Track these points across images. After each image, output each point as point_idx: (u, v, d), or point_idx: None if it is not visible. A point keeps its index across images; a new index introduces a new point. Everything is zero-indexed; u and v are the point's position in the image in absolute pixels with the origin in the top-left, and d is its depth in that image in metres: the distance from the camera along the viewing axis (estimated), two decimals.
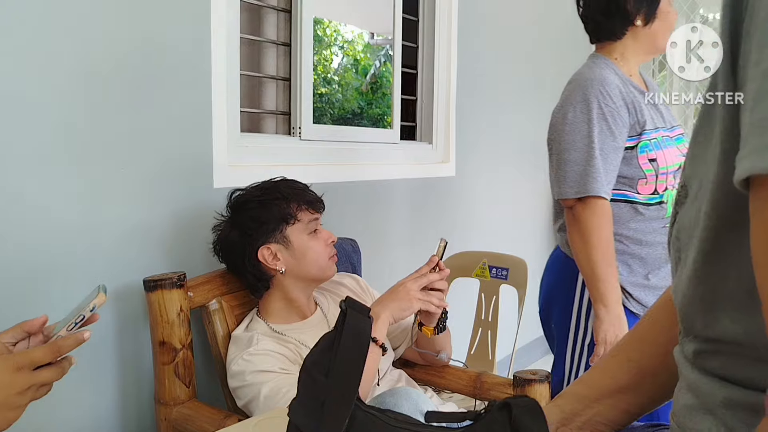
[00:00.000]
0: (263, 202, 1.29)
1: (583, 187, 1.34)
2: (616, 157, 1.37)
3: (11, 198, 1.14)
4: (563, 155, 1.38)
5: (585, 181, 1.34)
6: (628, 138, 1.39)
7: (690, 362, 0.49)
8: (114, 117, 1.28)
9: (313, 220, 1.32)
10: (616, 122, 1.36)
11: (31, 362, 0.74)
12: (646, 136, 1.39)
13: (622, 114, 1.36)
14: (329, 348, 0.53)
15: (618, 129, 1.36)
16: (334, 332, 0.54)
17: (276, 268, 1.28)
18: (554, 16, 3.21)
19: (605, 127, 1.35)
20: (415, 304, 1.19)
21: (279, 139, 1.84)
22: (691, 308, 0.48)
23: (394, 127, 2.22)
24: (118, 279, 1.30)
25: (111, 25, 1.26)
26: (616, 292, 1.34)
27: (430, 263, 1.23)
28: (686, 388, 0.50)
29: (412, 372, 1.47)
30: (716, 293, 0.44)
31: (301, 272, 1.30)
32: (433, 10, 2.32)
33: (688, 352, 0.50)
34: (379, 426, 0.53)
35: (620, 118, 1.36)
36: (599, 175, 1.33)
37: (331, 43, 5.71)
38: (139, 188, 1.34)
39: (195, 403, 1.29)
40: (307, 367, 0.55)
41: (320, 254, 1.31)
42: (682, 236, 0.48)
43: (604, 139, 1.34)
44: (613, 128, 1.35)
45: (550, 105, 1.51)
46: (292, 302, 1.33)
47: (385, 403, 0.91)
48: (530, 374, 1.37)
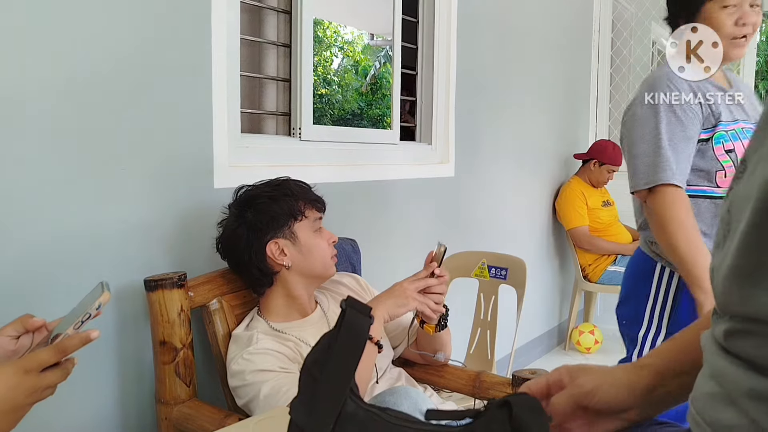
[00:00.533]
0: (273, 197, 1.30)
1: (652, 177, 1.35)
2: (687, 146, 1.36)
3: (12, 198, 1.14)
4: (633, 150, 1.38)
5: (654, 171, 1.34)
6: (703, 130, 1.38)
7: (718, 346, 0.49)
8: (114, 117, 1.29)
9: (317, 219, 1.34)
10: (686, 113, 1.35)
11: (38, 364, 0.75)
12: (721, 127, 1.38)
13: (692, 105, 1.36)
14: (328, 346, 0.54)
15: (688, 119, 1.36)
16: (334, 330, 0.54)
17: (282, 263, 1.29)
18: (554, 17, 3.22)
19: (673, 119, 1.35)
20: (412, 302, 1.20)
21: (279, 139, 1.84)
22: (730, 282, 0.46)
23: (393, 128, 2.22)
24: (118, 279, 1.31)
25: (111, 26, 1.27)
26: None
27: (428, 268, 1.23)
28: (710, 375, 0.50)
29: (411, 371, 1.48)
30: (759, 267, 0.43)
31: (306, 268, 1.31)
32: (433, 11, 2.32)
33: (718, 333, 0.49)
34: (380, 424, 0.53)
35: (690, 110, 1.36)
36: (668, 164, 1.33)
37: (331, 44, 5.71)
38: (139, 188, 1.34)
39: (195, 403, 1.30)
40: (308, 366, 0.55)
41: (325, 251, 1.32)
42: (734, 209, 0.47)
43: (673, 129, 1.35)
44: (682, 119, 1.35)
45: (549, 105, 1.52)
46: (294, 299, 1.33)
47: (384, 401, 0.92)
48: (529, 373, 1.37)
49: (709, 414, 0.48)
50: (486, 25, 2.60)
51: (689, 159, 1.37)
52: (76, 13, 1.21)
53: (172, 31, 1.38)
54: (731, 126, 1.39)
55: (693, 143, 1.37)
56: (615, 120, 3.88)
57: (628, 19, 3.90)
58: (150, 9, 1.33)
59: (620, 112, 3.88)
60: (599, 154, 3.22)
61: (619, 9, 3.81)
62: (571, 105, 3.53)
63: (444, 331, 1.37)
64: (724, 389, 0.47)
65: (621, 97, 3.85)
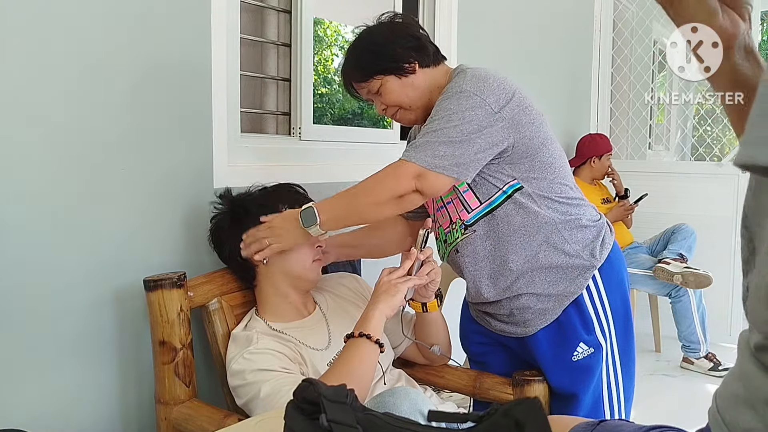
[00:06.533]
0: (259, 196, 1.35)
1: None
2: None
3: (12, 198, 1.14)
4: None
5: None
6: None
7: (751, 353, 0.49)
8: (114, 117, 1.28)
9: None
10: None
11: None
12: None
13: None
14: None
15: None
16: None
17: (258, 259, 1.31)
18: (555, 15, 3.22)
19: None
20: (401, 288, 1.20)
21: (279, 139, 1.84)
22: (756, 301, 0.47)
23: (393, 128, 2.22)
24: (118, 279, 1.31)
25: (111, 26, 1.26)
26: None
27: (410, 257, 1.24)
28: (738, 375, 0.50)
29: (411, 371, 1.47)
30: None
31: (283, 267, 1.32)
32: (433, 10, 2.32)
33: (752, 342, 0.50)
34: (380, 426, 0.53)
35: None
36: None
37: (332, 43, 5.72)
38: (139, 188, 1.34)
39: (195, 403, 1.30)
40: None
41: (304, 254, 1.33)
42: (750, 224, 0.47)
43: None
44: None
45: (550, 104, 1.52)
46: (285, 298, 1.34)
47: (384, 402, 0.92)
48: (529, 374, 1.37)
49: (729, 414, 0.49)
50: (487, 24, 2.60)
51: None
52: (76, 14, 1.20)
53: (172, 31, 1.38)
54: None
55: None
56: (616, 119, 3.87)
57: (629, 19, 3.90)
58: (150, 9, 1.33)
59: (621, 111, 3.89)
60: (593, 150, 3.22)
61: (620, 8, 3.81)
62: (572, 104, 3.53)
63: (437, 319, 1.38)
64: (747, 393, 0.47)
65: (622, 96, 3.85)
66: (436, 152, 1.19)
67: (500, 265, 1.32)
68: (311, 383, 0.64)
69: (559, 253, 1.31)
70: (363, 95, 1.36)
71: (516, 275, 1.32)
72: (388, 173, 1.23)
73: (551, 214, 1.30)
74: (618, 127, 3.88)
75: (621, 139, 3.87)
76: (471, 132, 1.19)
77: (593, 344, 1.33)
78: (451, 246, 1.38)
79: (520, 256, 1.31)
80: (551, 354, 1.35)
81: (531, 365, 1.41)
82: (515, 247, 1.30)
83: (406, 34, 1.32)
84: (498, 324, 1.41)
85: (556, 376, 1.35)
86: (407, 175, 1.20)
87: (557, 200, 1.32)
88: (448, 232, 1.37)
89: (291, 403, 0.65)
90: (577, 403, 1.34)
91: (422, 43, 1.33)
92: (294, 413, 0.63)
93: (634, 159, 3.82)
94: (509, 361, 1.45)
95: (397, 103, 1.33)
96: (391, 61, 1.29)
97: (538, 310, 1.34)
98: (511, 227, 1.30)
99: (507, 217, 1.30)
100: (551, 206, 1.31)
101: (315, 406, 0.60)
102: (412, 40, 1.32)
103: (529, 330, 1.36)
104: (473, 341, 1.52)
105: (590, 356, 1.33)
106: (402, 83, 1.31)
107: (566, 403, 1.35)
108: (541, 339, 1.35)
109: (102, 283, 1.29)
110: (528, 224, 1.30)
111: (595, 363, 1.34)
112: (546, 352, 1.35)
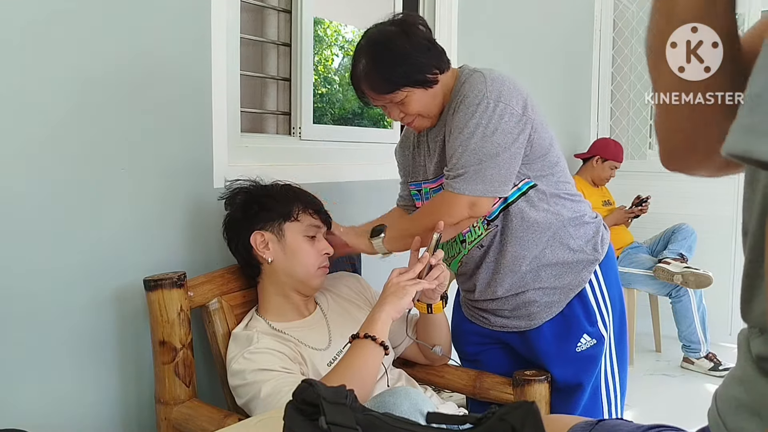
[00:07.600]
0: (273, 195, 1.35)
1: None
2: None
3: (13, 198, 1.14)
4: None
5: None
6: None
7: (753, 360, 0.48)
8: (115, 117, 1.28)
9: (313, 227, 1.34)
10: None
11: None
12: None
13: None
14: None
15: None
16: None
17: (264, 256, 1.31)
18: (555, 16, 3.22)
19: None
20: (410, 291, 1.19)
21: (279, 139, 1.84)
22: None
23: (394, 127, 2.22)
24: (118, 279, 1.31)
25: (111, 26, 1.26)
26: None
27: (422, 260, 1.23)
28: (739, 379, 0.49)
29: (411, 371, 1.47)
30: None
31: (287, 269, 1.31)
32: (433, 10, 2.32)
33: (754, 351, 0.48)
34: (380, 426, 0.53)
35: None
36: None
37: (332, 43, 5.70)
38: (139, 188, 1.34)
39: (195, 403, 1.30)
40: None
41: (310, 259, 1.32)
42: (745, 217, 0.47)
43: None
44: None
45: (551, 104, 1.52)
46: (287, 298, 1.34)
47: (384, 402, 0.91)
48: (529, 374, 1.37)
49: (732, 419, 0.48)
50: (486, 24, 2.59)
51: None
52: (76, 14, 1.20)
53: (173, 31, 1.38)
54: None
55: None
56: (616, 119, 3.87)
57: (629, 18, 3.90)
58: (150, 9, 1.33)
59: (621, 111, 3.89)
60: (601, 151, 3.22)
61: (620, 8, 3.81)
62: (573, 104, 3.52)
63: (440, 320, 1.38)
64: (750, 397, 0.46)
65: (622, 96, 3.85)
66: (484, 178, 1.22)
67: (511, 260, 1.35)
68: (311, 384, 0.64)
69: (565, 249, 1.35)
70: (378, 103, 1.35)
71: (524, 271, 1.35)
72: (442, 207, 1.27)
73: (561, 211, 1.35)
74: (618, 127, 3.87)
75: (621, 139, 3.86)
76: (507, 143, 1.23)
77: (596, 335, 1.36)
78: (471, 244, 1.39)
79: (531, 251, 1.34)
80: (555, 346, 1.37)
81: (527, 361, 1.42)
82: (526, 243, 1.33)
83: (422, 40, 1.30)
84: (499, 320, 1.42)
85: (560, 368, 1.37)
86: (460, 206, 1.25)
87: (565, 197, 1.36)
88: (467, 231, 1.38)
89: (290, 404, 0.65)
90: (581, 393, 1.37)
91: (437, 49, 1.32)
92: (293, 414, 0.63)
93: (634, 159, 3.82)
94: (504, 358, 1.46)
95: (418, 112, 1.33)
96: (419, 73, 1.27)
97: (544, 303, 1.36)
98: (524, 223, 1.33)
99: (521, 213, 1.33)
100: (560, 203, 1.35)
101: (314, 408, 0.60)
102: (429, 45, 1.30)
103: (534, 323, 1.38)
104: (468, 341, 1.52)
105: (593, 347, 1.36)
106: (427, 94, 1.31)
107: (568, 394, 1.37)
108: (545, 331, 1.37)
109: (102, 283, 1.29)
110: (540, 220, 1.33)
111: (598, 353, 1.37)
112: (550, 345, 1.37)
